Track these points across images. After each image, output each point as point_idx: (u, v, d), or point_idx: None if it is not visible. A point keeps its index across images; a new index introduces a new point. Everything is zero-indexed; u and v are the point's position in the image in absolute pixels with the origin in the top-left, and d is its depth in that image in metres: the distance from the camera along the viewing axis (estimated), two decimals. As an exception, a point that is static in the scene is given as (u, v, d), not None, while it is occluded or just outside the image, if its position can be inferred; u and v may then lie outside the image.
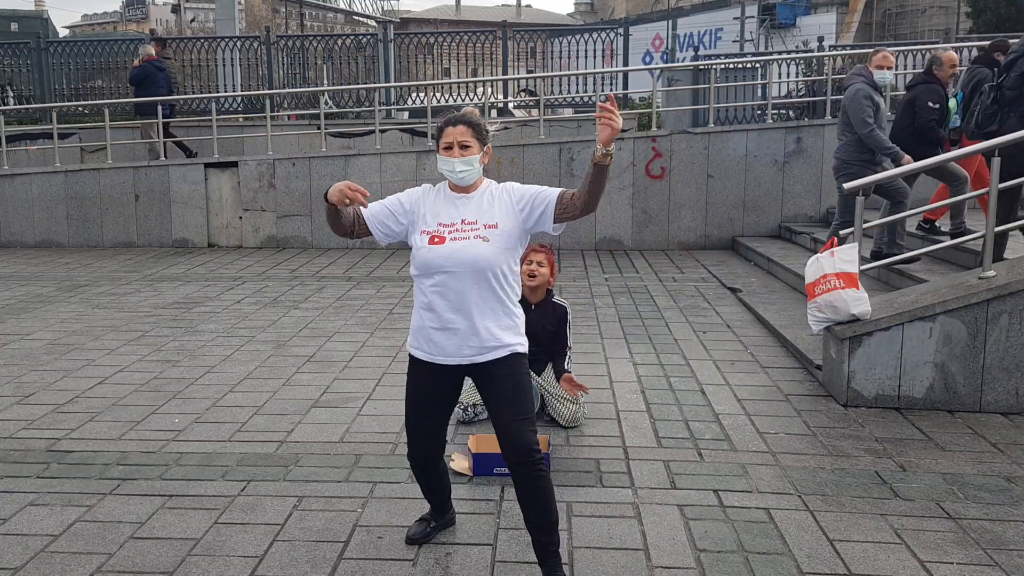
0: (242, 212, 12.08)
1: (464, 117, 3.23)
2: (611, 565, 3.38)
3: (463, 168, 3.18)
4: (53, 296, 8.71)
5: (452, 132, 3.19)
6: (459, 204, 3.22)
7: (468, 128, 3.19)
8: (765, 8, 47.80)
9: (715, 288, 8.89)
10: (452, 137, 3.18)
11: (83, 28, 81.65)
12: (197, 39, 17.78)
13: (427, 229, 3.20)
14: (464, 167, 3.18)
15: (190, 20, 67.89)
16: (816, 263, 5.30)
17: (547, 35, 18.67)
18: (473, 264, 3.12)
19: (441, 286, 3.16)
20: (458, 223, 3.18)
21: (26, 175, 12.34)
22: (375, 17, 33.06)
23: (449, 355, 3.21)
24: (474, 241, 3.13)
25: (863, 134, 7.01)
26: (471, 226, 3.17)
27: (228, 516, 3.80)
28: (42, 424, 4.98)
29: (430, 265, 3.16)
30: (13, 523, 3.74)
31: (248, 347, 6.68)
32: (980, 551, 3.49)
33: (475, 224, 3.17)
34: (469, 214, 3.19)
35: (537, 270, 4.89)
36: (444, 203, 3.24)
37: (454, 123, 3.21)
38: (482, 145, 3.22)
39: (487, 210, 3.20)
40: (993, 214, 5.31)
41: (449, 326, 3.17)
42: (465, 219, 3.18)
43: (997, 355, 5.11)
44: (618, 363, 6.19)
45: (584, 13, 73.83)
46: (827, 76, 11.99)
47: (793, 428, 4.88)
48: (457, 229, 3.16)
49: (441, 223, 3.19)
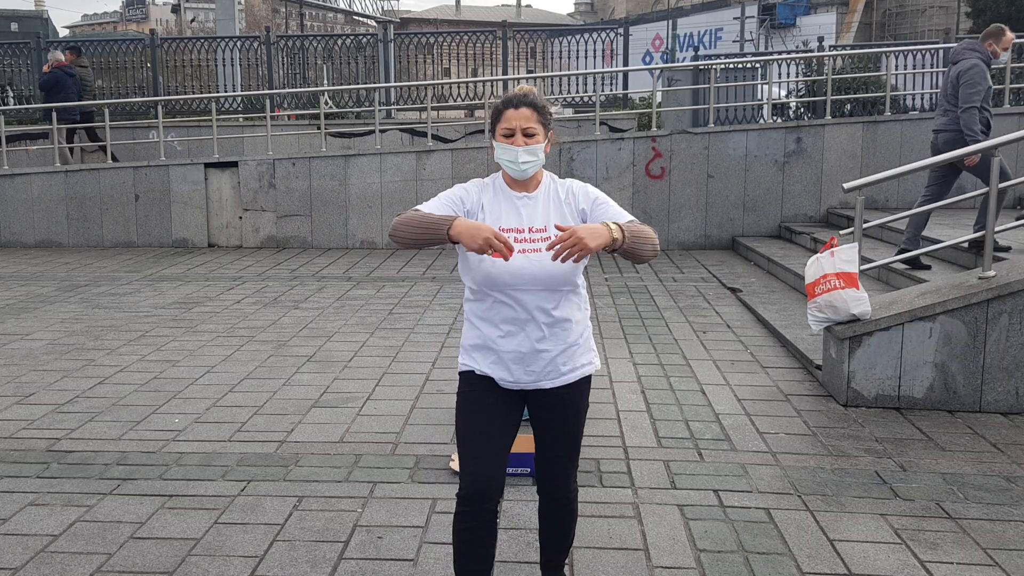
0: (242, 212, 12.08)
1: (528, 98, 2.74)
2: (611, 565, 3.38)
3: (528, 159, 2.72)
4: (53, 296, 8.71)
5: (515, 116, 2.71)
6: (521, 205, 2.77)
7: (533, 112, 2.72)
8: (765, 8, 47.83)
9: (715, 288, 8.90)
10: (515, 122, 2.70)
11: (83, 28, 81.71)
12: (197, 39, 17.79)
13: None
14: (529, 158, 2.72)
15: (190, 20, 67.90)
16: (816, 263, 5.30)
17: (547, 35, 18.68)
18: (548, 282, 2.71)
19: (507, 302, 2.74)
20: (525, 231, 2.73)
21: (26, 175, 12.34)
22: (375, 17, 33.04)
23: (514, 378, 2.79)
24: (547, 254, 2.62)
25: (963, 109, 6.65)
26: (541, 234, 2.72)
27: (228, 516, 3.80)
28: (42, 424, 4.99)
29: (494, 281, 2.71)
30: (13, 523, 3.74)
31: (248, 347, 6.68)
32: (980, 551, 3.49)
33: (544, 232, 2.72)
34: (537, 219, 2.75)
35: None
36: (504, 203, 2.78)
37: (516, 105, 2.73)
38: (547, 131, 2.76)
39: (556, 215, 2.76)
40: (993, 214, 5.31)
41: (512, 348, 2.76)
42: (533, 226, 2.73)
43: (997, 355, 5.11)
44: (618, 363, 6.19)
45: (584, 13, 73.85)
46: (827, 76, 11.98)
47: (793, 428, 4.88)
48: (526, 239, 2.71)
49: (504, 228, 2.71)
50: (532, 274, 2.69)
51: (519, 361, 2.76)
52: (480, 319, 2.81)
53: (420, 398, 5.41)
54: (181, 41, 17.42)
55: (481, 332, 2.80)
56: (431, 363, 6.19)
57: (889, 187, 11.19)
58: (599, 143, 11.59)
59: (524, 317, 2.73)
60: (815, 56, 13.65)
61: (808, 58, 13.99)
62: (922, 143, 11.29)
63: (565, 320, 2.76)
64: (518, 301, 2.72)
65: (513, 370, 2.77)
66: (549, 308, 2.74)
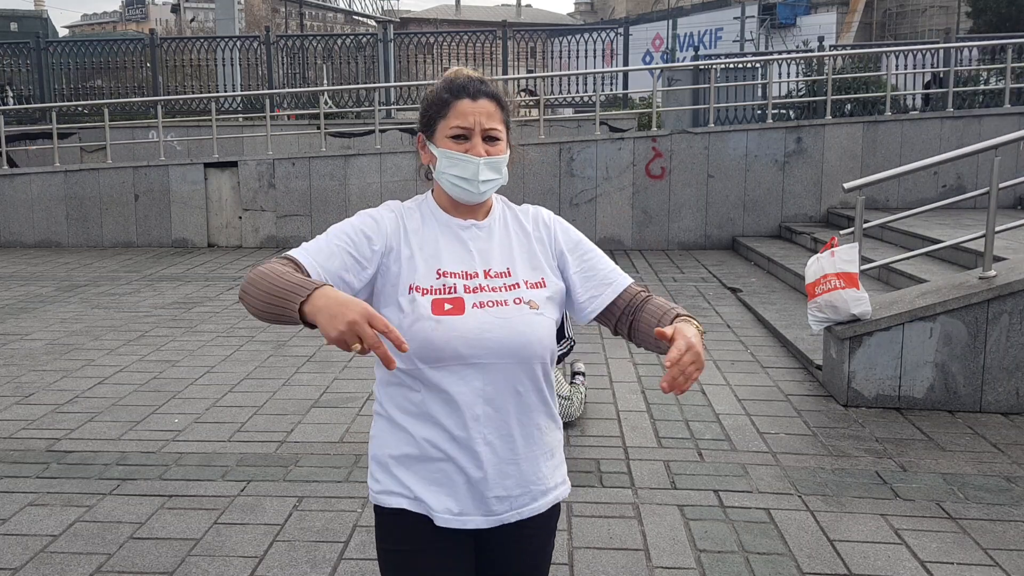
0: (242, 212, 12.08)
1: (488, 87, 1.87)
2: (611, 565, 3.37)
3: (491, 177, 1.85)
4: (53, 296, 8.71)
5: (472, 110, 1.83)
6: (468, 238, 1.88)
7: (497, 108, 1.87)
8: (765, 8, 47.78)
9: (715, 288, 8.89)
10: (472, 118, 1.83)
11: (83, 28, 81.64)
12: (197, 39, 17.79)
13: (422, 285, 1.80)
14: (492, 175, 1.85)
15: (190, 20, 67.89)
16: (816, 263, 5.29)
17: (547, 35, 18.67)
18: (520, 352, 1.81)
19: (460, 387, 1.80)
20: (479, 275, 1.84)
21: (26, 175, 12.34)
22: (375, 17, 33.04)
23: (463, 511, 1.83)
24: (517, 309, 1.81)
25: None
26: (504, 281, 1.84)
27: (228, 516, 3.80)
28: (42, 424, 4.98)
29: (440, 350, 1.77)
30: (13, 523, 3.74)
31: (248, 347, 6.68)
32: (980, 551, 3.49)
33: (510, 277, 1.85)
34: (495, 260, 1.87)
35: None
36: (442, 235, 1.87)
37: (473, 95, 1.84)
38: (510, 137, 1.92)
39: (521, 254, 1.90)
40: (993, 214, 5.31)
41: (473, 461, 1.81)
42: (490, 269, 1.85)
43: (997, 355, 5.11)
44: (618, 363, 6.19)
45: (584, 13, 73.80)
46: (827, 76, 11.98)
47: (793, 428, 4.87)
48: (481, 288, 1.82)
49: (447, 272, 1.82)
50: (500, 341, 1.79)
51: (471, 484, 1.82)
52: (409, 416, 1.84)
53: (420, 398, 5.40)
54: (181, 41, 17.44)
55: (412, 437, 1.84)
56: (431, 363, 6.18)
57: (889, 187, 11.19)
58: (599, 143, 11.58)
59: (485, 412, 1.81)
60: (815, 56, 13.65)
61: (808, 58, 13.99)
62: (922, 143, 11.33)
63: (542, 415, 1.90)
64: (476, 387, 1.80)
65: (460, 496, 1.82)
66: (524, 396, 1.84)
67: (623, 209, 11.61)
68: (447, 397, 1.80)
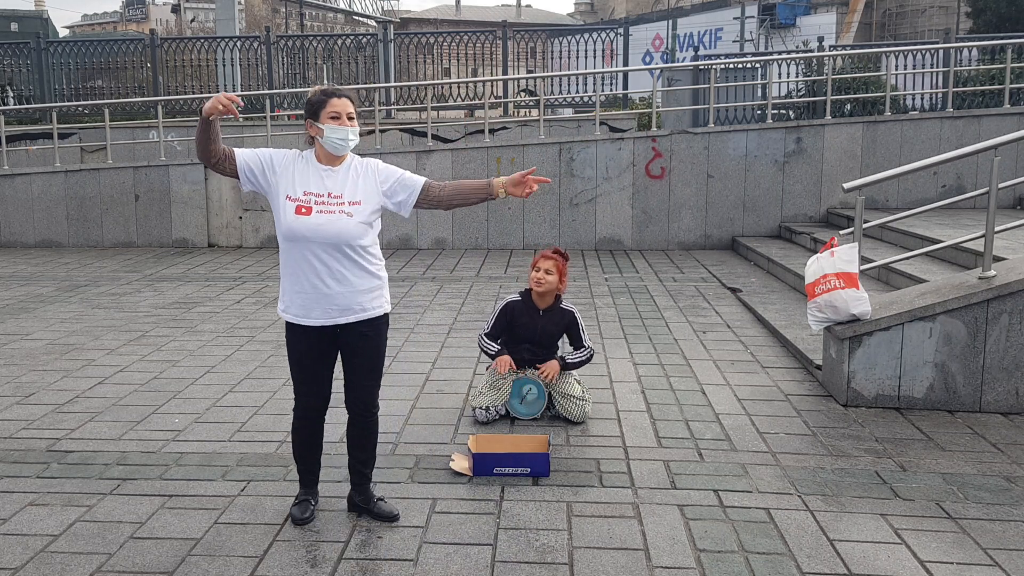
0: (242, 212, 12.09)
1: (346, 91, 3.47)
2: (611, 565, 3.38)
3: (354, 139, 3.43)
4: (53, 296, 8.71)
5: (341, 104, 3.40)
6: (325, 176, 3.45)
7: (351, 102, 3.43)
8: (765, 8, 47.79)
9: (715, 288, 8.89)
10: (341, 108, 3.39)
11: (83, 28, 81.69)
12: (197, 39, 17.79)
13: (293, 196, 3.41)
14: (355, 137, 3.44)
15: (190, 20, 67.91)
16: (816, 263, 5.30)
17: (547, 35, 18.67)
18: (336, 237, 3.37)
19: (306, 253, 3.40)
20: (324, 195, 3.40)
21: (26, 175, 12.34)
22: (375, 17, 33.06)
23: (317, 318, 3.46)
24: (339, 216, 3.37)
25: None
26: (336, 200, 3.40)
27: (228, 516, 3.80)
28: (42, 424, 4.98)
29: (295, 233, 3.38)
30: (13, 523, 3.74)
31: (248, 347, 6.68)
32: (980, 551, 3.49)
33: (340, 199, 3.40)
34: (335, 187, 3.42)
35: (544, 278, 4.95)
36: (311, 172, 3.45)
37: (339, 95, 3.42)
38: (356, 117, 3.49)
39: (352, 186, 3.44)
40: (993, 214, 5.31)
41: (314, 290, 3.42)
42: (332, 192, 3.41)
43: (997, 355, 5.11)
44: (618, 363, 6.19)
45: (584, 13, 73.80)
46: (827, 76, 11.98)
47: (793, 428, 4.88)
48: (324, 202, 3.39)
49: (308, 192, 3.40)
50: (327, 232, 3.36)
51: (320, 303, 3.43)
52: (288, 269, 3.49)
53: (420, 398, 5.41)
54: (181, 41, 17.43)
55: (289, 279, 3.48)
56: (431, 363, 6.19)
57: (889, 187, 11.21)
58: (599, 143, 11.59)
59: (321, 267, 3.40)
60: (815, 56, 13.65)
61: (808, 58, 13.99)
62: (922, 143, 11.33)
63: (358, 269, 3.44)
64: (316, 255, 3.39)
65: (314, 311, 3.45)
66: (343, 260, 3.41)
67: (623, 209, 11.62)
68: (302, 258, 3.43)
